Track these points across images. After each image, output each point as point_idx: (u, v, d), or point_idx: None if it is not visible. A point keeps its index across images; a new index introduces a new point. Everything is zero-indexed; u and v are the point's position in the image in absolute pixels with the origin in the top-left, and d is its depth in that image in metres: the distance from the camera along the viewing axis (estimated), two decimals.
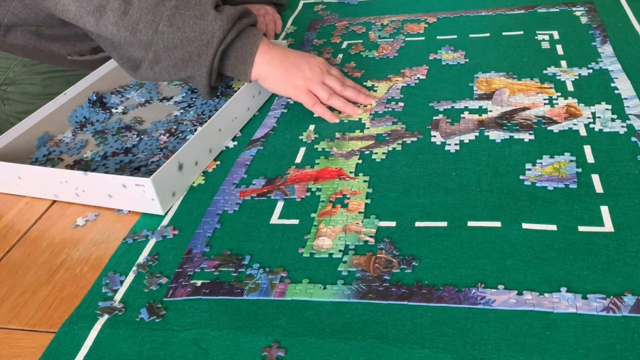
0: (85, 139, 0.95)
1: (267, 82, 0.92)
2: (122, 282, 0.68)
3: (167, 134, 0.92)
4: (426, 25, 1.15)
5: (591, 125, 0.81)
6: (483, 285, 0.61)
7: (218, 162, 0.86)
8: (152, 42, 0.84)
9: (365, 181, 0.78)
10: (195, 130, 0.92)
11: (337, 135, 0.88)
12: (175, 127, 0.94)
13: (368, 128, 0.88)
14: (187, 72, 0.87)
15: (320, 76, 0.92)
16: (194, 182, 0.83)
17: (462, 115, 0.87)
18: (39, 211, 0.83)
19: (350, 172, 0.80)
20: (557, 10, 1.12)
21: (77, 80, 1.03)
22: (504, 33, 1.08)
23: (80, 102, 1.01)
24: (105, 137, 0.95)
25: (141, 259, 0.71)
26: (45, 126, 0.95)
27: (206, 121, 0.90)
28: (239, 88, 0.93)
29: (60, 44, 1.05)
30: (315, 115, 0.93)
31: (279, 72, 0.91)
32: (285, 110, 0.96)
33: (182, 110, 0.99)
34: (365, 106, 0.93)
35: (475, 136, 0.83)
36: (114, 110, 1.02)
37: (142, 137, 0.93)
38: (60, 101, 0.98)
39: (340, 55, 1.09)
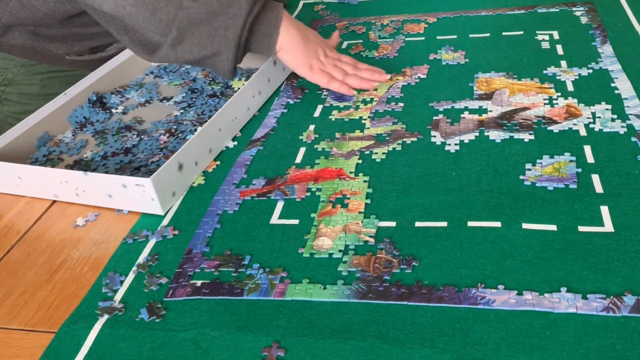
0: (85, 139, 0.95)
1: (287, 55, 0.93)
2: (122, 282, 0.68)
3: (167, 134, 0.92)
4: (426, 25, 1.15)
5: (591, 125, 0.81)
6: (483, 285, 0.61)
7: (218, 162, 0.86)
8: (175, 19, 0.82)
9: (365, 181, 0.78)
10: (195, 130, 0.92)
11: (337, 135, 0.88)
12: (175, 127, 0.94)
13: (368, 128, 0.88)
14: (214, 47, 0.86)
15: (333, 61, 0.96)
16: (194, 182, 0.83)
17: (462, 115, 0.87)
18: (39, 211, 0.83)
19: (350, 172, 0.80)
20: (557, 10, 1.12)
21: (75, 81, 1.03)
22: (504, 33, 1.08)
23: (80, 102, 1.01)
24: (105, 137, 0.95)
25: (141, 259, 0.71)
26: (45, 126, 0.95)
27: (206, 121, 0.90)
28: (239, 88, 0.93)
29: (58, 44, 1.05)
30: (332, 90, 0.96)
31: (300, 47, 0.93)
32: (285, 110, 0.96)
33: (182, 110, 0.99)
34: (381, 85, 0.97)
35: (475, 136, 0.83)
36: (114, 110, 1.02)
37: (142, 137, 0.93)
38: (60, 101, 0.98)
39: None
